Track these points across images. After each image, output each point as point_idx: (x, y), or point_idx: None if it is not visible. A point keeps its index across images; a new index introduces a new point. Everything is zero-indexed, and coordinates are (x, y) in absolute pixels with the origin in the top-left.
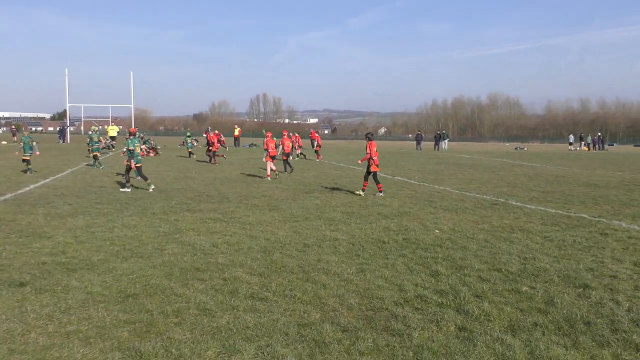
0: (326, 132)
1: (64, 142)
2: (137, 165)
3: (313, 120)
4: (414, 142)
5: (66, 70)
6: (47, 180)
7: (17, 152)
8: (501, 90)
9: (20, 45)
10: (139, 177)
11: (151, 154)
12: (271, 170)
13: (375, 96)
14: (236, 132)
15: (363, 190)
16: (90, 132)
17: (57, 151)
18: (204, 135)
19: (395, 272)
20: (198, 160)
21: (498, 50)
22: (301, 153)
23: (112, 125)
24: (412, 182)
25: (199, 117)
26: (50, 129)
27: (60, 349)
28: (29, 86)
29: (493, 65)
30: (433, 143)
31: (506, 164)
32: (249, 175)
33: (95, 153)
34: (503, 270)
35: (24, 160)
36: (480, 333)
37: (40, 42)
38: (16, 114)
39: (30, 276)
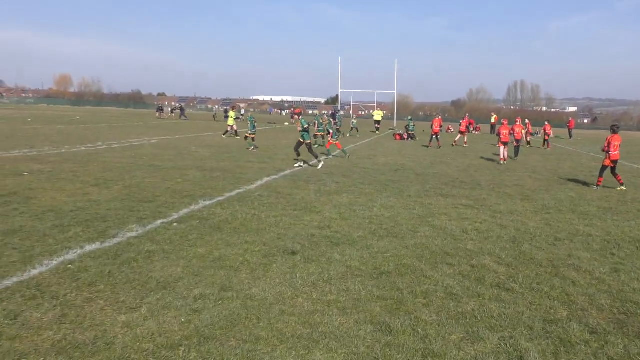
0: (585, 121)
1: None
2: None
3: (572, 109)
4: None
5: (339, 58)
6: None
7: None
8: None
9: (302, 36)
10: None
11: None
12: (503, 155)
13: None
14: (492, 120)
15: (598, 185)
16: (249, 115)
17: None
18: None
19: None
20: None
21: None
22: (528, 142)
23: (377, 110)
24: None
25: (456, 104)
26: (324, 112)
27: (322, 316)
28: (309, 73)
29: None
30: None
31: None
32: (500, 163)
33: (252, 135)
34: None
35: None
36: None
37: (319, 32)
38: (297, 98)
39: (301, 246)
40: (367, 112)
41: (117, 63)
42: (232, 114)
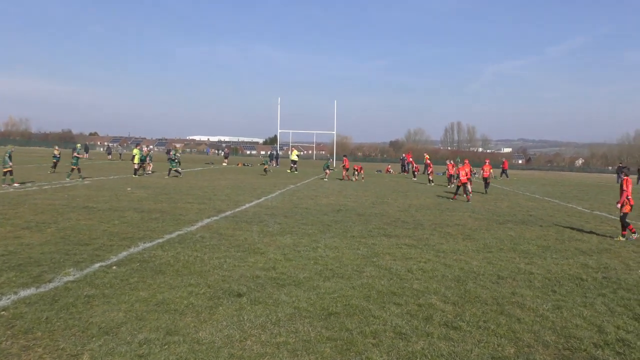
0: (520, 162)
1: (275, 165)
2: None
3: (507, 150)
4: (614, 175)
5: (279, 99)
6: (260, 200)
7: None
8: None
9: (241, 77)
10: None
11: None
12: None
13: (572, 126)
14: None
15: (633, 232)
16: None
17: (268, 173)
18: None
19: (594, 312)
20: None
21: None
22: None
23: (293, 150)
24: (613, 217)
25: (395, 144)
26: (262, 152)
27: (272, 358)
28: (247, 113)
29: None
30: (636, 177)
31: None
32: (441, 202)
33: (73, 167)
34: None
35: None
36: None
37: (258, 73)
38: (235, 138)
39: (247, 288)
40: (304, 152)
41: (47, 102)
42: (135, 151)
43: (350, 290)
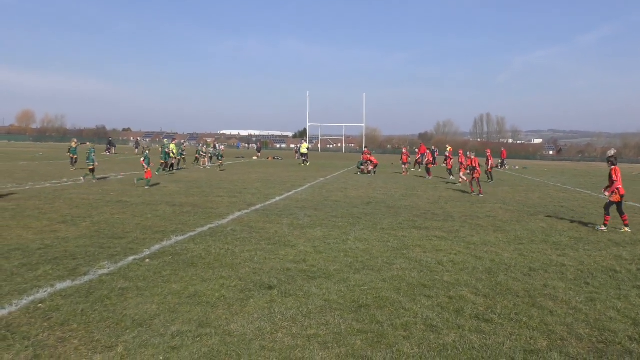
0: (551, 152)
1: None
2: None
3: (537, 141)
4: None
5: (307, 92)
6: (290, 193)
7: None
8: None
9: (269, 70)
10: None
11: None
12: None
13: (604, 116)
14: (446, 152)
15: (605, 224)
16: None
17: (296, 167)
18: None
19: (628, 304)
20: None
21: None
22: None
23: (304, 143)
24: None
25: (424, 137)
26: (292, 146)
27: (303, 350)
28: (277, 107)
29: None
30: None
31: None
32: (471, 194)
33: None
34: None
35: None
36: None
37: (287, 67)
38: (265, 132)
39: (277, 280)
40: (333, 145)
41: (82, 99)
42: (172, 146)
43: (380, 282)
